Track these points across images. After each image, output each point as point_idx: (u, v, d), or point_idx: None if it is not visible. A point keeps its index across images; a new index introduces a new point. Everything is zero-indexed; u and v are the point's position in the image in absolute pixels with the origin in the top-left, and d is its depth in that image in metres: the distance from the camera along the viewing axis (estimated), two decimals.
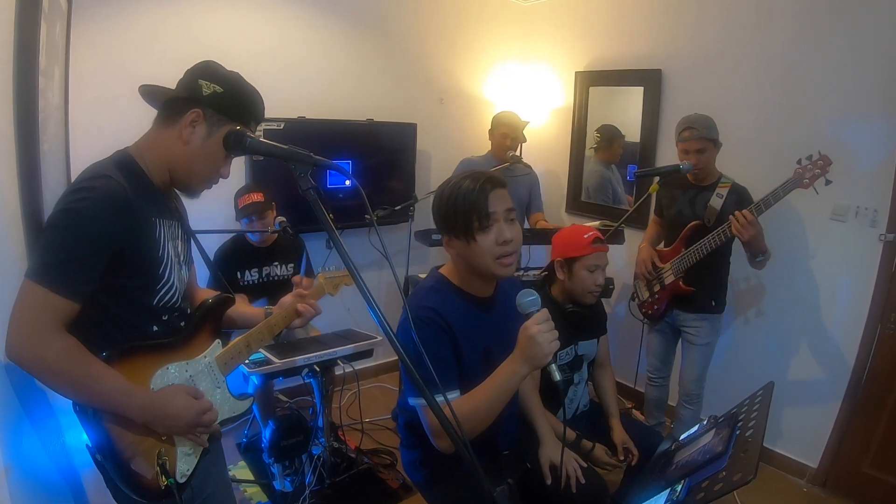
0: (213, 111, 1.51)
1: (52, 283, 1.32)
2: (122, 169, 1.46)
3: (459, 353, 1.86)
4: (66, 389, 1.38)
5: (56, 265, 1.33)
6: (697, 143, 3.04)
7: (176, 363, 1.58)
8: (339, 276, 2.31)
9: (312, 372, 2.91)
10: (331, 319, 4.12)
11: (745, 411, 1.84)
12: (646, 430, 2.88)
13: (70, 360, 1.35)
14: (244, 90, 1.58)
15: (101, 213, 1.35)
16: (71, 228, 1.33)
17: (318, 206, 1.30)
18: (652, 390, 3.56)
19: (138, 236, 1.45)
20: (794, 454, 3.57)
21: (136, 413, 1.45)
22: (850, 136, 3.16)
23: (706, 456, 1.68)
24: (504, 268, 1.83)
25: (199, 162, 1.54)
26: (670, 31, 4.00)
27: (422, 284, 1.99)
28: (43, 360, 1.33)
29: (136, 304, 1.49)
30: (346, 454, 3.42)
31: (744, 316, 3.73)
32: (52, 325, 1.33)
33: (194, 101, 1.51)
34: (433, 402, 1.28)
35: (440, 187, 1.89)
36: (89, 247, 1.35)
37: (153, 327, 1.54)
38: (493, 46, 4.91)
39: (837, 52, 3.19)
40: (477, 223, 1.78)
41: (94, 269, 1.37)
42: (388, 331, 1.27)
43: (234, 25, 3.61)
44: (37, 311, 1.32)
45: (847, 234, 3.24)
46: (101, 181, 1.38)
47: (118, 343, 1.47)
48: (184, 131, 1.51)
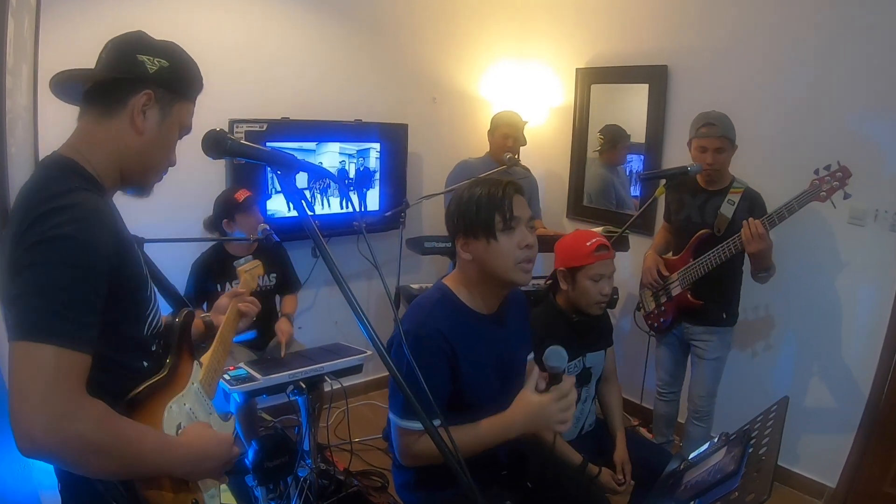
0: (164, 90, 1.38)
1: (60, 336, 1.11)
2: (73, 174, 1.29)
3: (457, 376, 1.87)
4: (109, 467, 1.19)
5: (59, 312, 1.12)
6: (718, 140, 3.03)
7: (174, 399, 1.43)
8: (252, 267, 2.28)
9: (298, 389, 2.89)
10: (317, 333, 4.13)
11: (758, 428, 1.84)
12: (654, 448, 2.88)
13: (109, 430, 1.16)
14: (186, 59, 1.46)
15: (94, 234, 1.19)
16: (67, 261, 1.14)
17: (303, 212, 1.30)
18: (661, 406, 3.56)
19: (125, 256, 1.29)
20: (810, 473, 3.57)
21: (178, 468, 1.32)
22: (870, 134, 3.18)
23: (717, 475, 1.68)
24: (523, 273, 1.89)
25: (156, 151, 1.41)
26: (677, 25, 4.02)
27: (426, 297, 2.00)
28: (82, 440, 1.11)
29: (126, 340, 1.35)
30: (334, 476, 3.40)
31: (756, 328, 3.73)
32: (77, 390, 1.13)
33: (140, 82, 1.35)
34: (429, 426, 1.30)
35: (459, 189, 1.96)
36: (93, 279, 1.18)
37: (143, 363, 1.40)
38: (489, 42, 4.92)
39: (856, 46, 3.20)
40: (501, 222, 1.83)
41: (99, 308, 1.19)
42: (379, 345, 1.27)
43: (213, 20, 3.62)
44: (53, 379, 1.10)
45: (866, 239, 3.25)
46: (77, 196, 1.22)
47: (118, 393, 1.30)
48: (136, 119, 1.35)
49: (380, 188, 4.35)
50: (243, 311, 1.89)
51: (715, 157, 3.05)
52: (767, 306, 3.66)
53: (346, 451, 3.56)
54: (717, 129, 3.02)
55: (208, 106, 3.38)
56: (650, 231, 3.89)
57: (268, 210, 3.76)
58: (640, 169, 4.37)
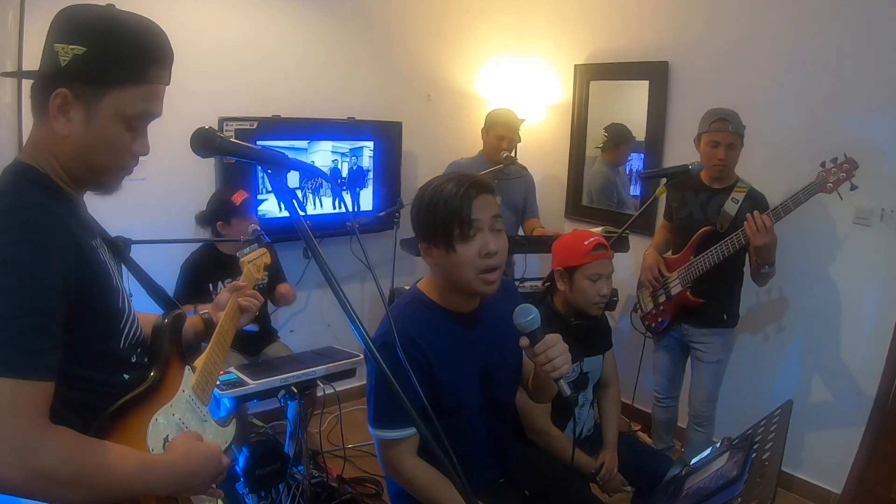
0: (83, 84, 1.20)
1: (15, 368, 1.06)
2: (31, 185, 1.21)
3: (432, 380, 1.86)
4: (81, 498, 1.14)
5: (10, 342, 1.07)
6: (731, 136, 3.04)
7: (161, 410, 1.37)
8: (257, 257, 2.26)
9: (290, 394, 2.90)
10: (310, 336, 4.13)
11: (761, 433, 1.84)
12: (654, 454, 2.89)
13: (76, 459, 1.12)
14: (116, 36, 1.22)
15: (44, 253, 1.12)
16: (14, 286, 1.08)
17: (295, 212, 1.30)
18: (660, 411, 3.56)
19: (89, 270, 1.22)
20: (815, 479, 3.58)
21: (161, 488, 1.27)
22: (876, 132, 3.18)
23: (719, 482, 1.68)
24: (486, 285, 1.82)
25: (94, 154, 1.25)
26: (678, 20, 4.02)
27: (398, 301, 2.00)
28: (44, 474, 1.07)
29: (101, 356, 1.29)
30: (327, 483, 3.40)
31: (758, 330, 3.74)
32: (38, 422, 1.09)
33: (52, 80, 1.20)
34: (423, 432, 1.29)
35: (421, 190, 1.88)
36: (47, 302, 1.11)
37: (124, 376, 1.34)
38: (485, 37, 4.92)
39: (863, 42, 3.20)
40: (458, 231, 1.76)
41: (58, 331, 1.13)
42: (372, 349, 1.27)
43: (203, 16, 3.61)
44: (9, 414, 1.05)
45: (872, 239, 3.26)
46: (24, 212, 1.14)
47: (94, 412, 1.25)
48: (55, 123, 1.21)
49: (373, 188, 4.36)
50: (244, 306, 1.87)
51: (727, 152, 3.06)
52: (770, 307, 3.67)
53: (340, 458, 3.57)
54: (730, 124, 3.03)
55: (197, 103, 3.44)
56: (650, 231, 3.90)
57: (258, 210, 3.75)
58: (641, 168, 4.37)
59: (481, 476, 2.08)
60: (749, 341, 3.77)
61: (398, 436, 1.87)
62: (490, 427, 2.07)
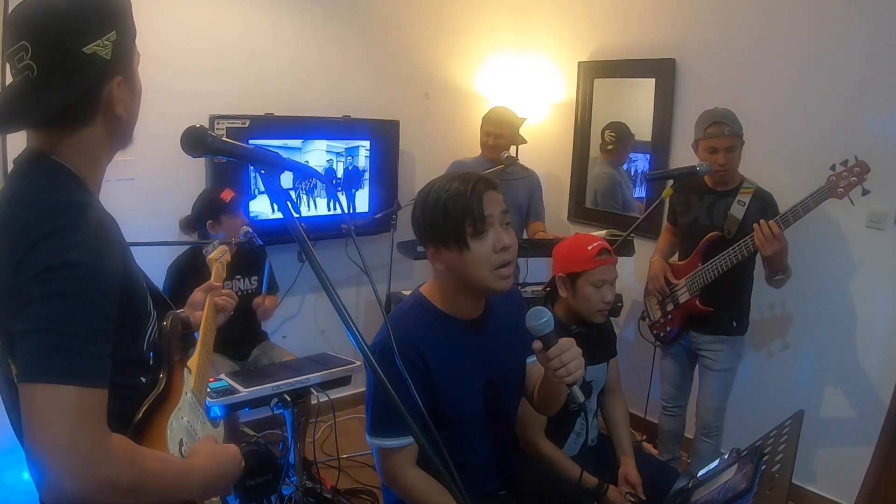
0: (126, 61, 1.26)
1: (80, 376, 1.06)
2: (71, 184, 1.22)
3: (433, 389, 1.87)
4: None
5: (76, 349, 1.07)
6: (728, 139, 3.02)
7: (172, 415, 1.39)
8: (221, 255, 2.25)
9: (283, 402, 2.89)
10: (303, 342, 4.12)
11: (771, 444, 1.84)
12: (660, 465, 2.89)
13: (136, 466, 1.14)
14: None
15: (104, 257, 1.14)
16: (80, 291, 1.09)
17: (288, 214, 1.30)
18: (667, 421, 3.56)
19: (131, 273, 1.26)
20: (827, 492, 3.58)
21: (197, 493, 1.30)
22: (889, 132, 3.18)
23: (728, 494, 1.68)
24: (501, 280, 1.83)
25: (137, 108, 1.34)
26: (685, 16, 4.03)
27: (399, 307, 2.00)
28: (111, 483, 1.08)
29: (126, 360, 1.27)
30: (321, 494, 3.40)
31: (768, 337, 3.74)
32: (102, 430, 1.09)
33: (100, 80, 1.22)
34: (421, 441, 1.29)
35: (422, 192, 1.88)
36: (107, 308, 1.13)
37: (141, 379, 1.36)
38: (485, 33, 4.93)
39: (875, 38, 3.20)
40: (471, 228, 1.77)
41: (113, 336, 1.15)
42: (369, 355, 1.27)
43: (193, 11, 3.61)
44: (77, 422, 1.05)
45: (886, 244, 3.25)
46: (79, 210, 1.15)
47: (123, 416, 1.26)
48: (116, 108, 1.26)
49: (370, 188, 4.35)
50: (220, 305, 1.87)
51: (727, 157, 3.04)
52: (781, 314, 3.67)
53: (334, 468, 3.56)
54: (725, 126, 3.02)
55: (187, 101, 3.44)
56: (656, 234, 3.90)
57: (250, 211, 3.75)
58: (646, 169, 4.37)
59: (482, 487, 2.07)
60: (758, 349, 3.77)
61: (397, 444, 1.87)
62: (491, 437, 2.07)
